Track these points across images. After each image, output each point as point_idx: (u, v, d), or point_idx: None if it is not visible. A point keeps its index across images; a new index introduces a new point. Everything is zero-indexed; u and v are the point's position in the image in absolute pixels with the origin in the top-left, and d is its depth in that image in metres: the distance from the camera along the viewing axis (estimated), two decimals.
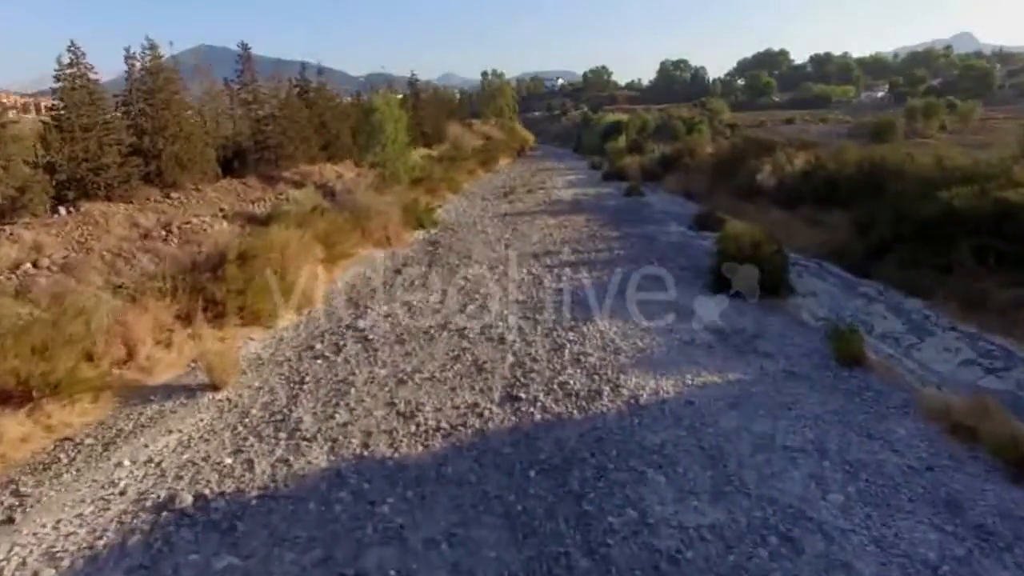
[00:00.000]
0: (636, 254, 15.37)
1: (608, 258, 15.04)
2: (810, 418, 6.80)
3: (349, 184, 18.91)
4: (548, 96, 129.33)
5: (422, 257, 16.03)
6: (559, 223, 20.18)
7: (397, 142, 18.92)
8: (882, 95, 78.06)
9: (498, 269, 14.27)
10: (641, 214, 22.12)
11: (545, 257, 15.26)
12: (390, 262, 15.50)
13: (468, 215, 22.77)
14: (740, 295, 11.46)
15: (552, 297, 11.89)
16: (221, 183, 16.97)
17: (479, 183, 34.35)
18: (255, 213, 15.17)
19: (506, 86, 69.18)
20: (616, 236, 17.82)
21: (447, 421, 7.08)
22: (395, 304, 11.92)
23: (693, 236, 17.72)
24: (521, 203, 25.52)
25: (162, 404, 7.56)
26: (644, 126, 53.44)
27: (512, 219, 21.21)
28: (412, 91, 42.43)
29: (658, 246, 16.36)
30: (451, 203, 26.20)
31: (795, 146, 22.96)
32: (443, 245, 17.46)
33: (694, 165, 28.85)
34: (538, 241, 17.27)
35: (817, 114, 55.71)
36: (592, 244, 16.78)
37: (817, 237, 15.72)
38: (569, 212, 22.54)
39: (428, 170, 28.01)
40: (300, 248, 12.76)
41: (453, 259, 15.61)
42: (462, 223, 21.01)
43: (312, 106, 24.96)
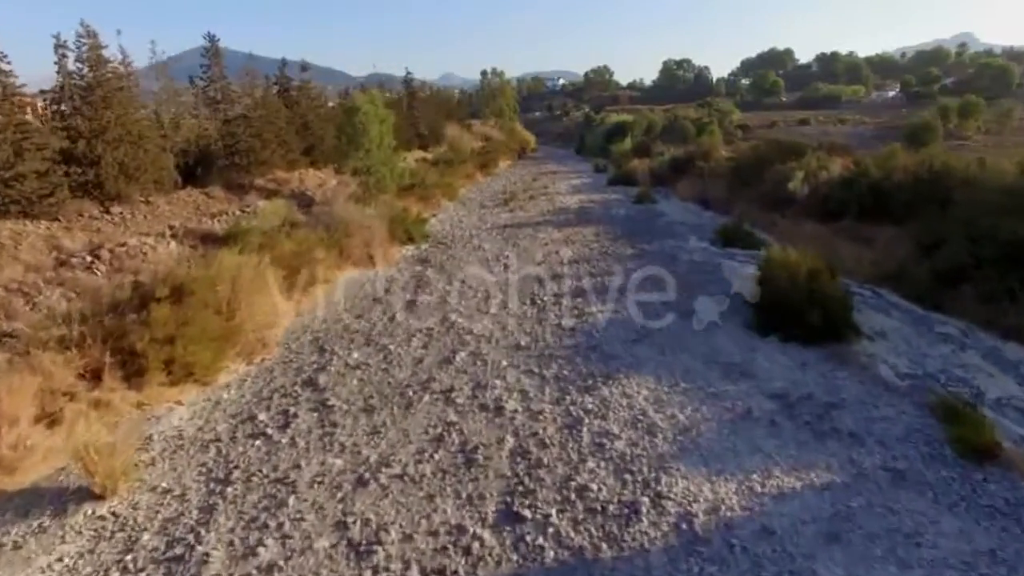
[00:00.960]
0: (657, 277, 13.16)
1: (624, 283, 12.82)
2: (958, 569, 4.58)
3: (330, 193, 16.77)
4: (549, 96, 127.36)
5: (408, 281, 13.82)
6: (565, 236, 17.97)
7: (383, 146, 16.78)
8: (893, 95, 75.83)
9: (496, 299, 12.06)
10: (655, 225, 19.91)
11: (551, 282, 13.04)
12: (370, 288, 13.28)
13: (464, 226, 20.56)
14: (794, 337, 9.25)
15: (561, 340, 9.68)
16: (179, 194, 14.78)
17: (478, 188, 32.16)
18: (213, 231, 12.99)
19: (506, 86, 66.93)
20: (631, 254, 15.59)
21: (418, 563, 4.87)
22: (369, 348, 9.71)
23: (718, 254, 15.49)
24: (522, 211, 23.31)
25: (7, 528, 5.34)
26: (650, 127, 51.23)
27: (512, 231, 19.01)
28: (407, 90, 40.23)
29: (680, 267, 14.14)
30: (446, 212, 24.01)
31: (824, 149, 20.75)
32: (433, 265, 15.25)
33: (710, 170, 26.61)
34: (542, 260, 15.05)
35: (832, 114, 53.51)
36: (604, 264, 14.56)
37: (866, 258, 13.50)
38: (575, 223, 20.33)
39: (421, 175, 25.83)
40: (257, 277, 10.55)
41: (443, 283, 13.40)
42: (457, 236, 18.80)
43: (294, 106, 22.80)
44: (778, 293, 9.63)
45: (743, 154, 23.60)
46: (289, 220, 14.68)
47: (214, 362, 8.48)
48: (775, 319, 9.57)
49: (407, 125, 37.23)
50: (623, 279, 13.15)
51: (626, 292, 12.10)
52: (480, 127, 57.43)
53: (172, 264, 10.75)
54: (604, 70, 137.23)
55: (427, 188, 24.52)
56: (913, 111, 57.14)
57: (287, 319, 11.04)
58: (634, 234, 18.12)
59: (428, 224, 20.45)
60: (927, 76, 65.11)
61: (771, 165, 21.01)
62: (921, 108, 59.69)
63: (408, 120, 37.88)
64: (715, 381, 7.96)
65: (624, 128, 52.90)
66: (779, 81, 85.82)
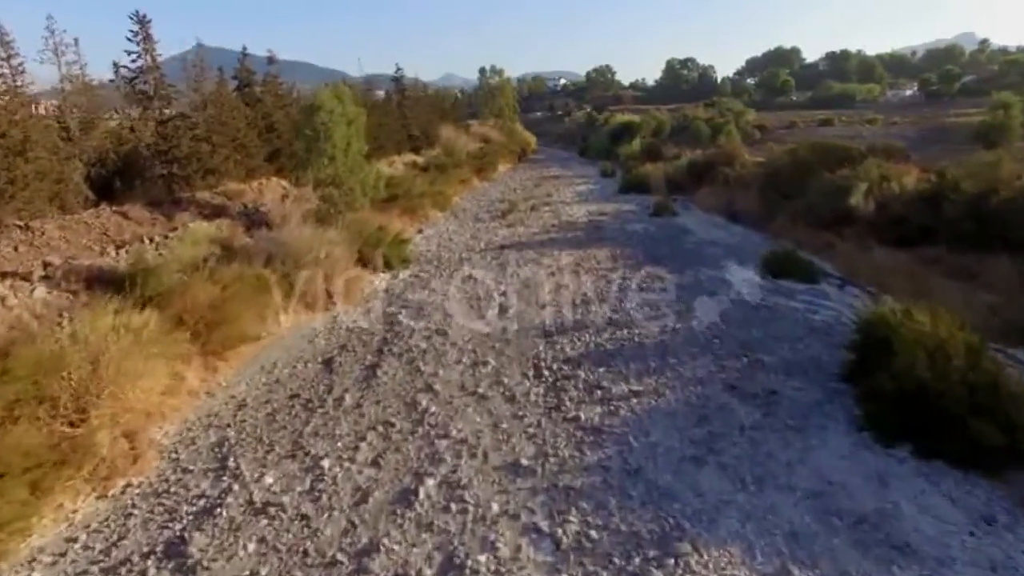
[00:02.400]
0: (701, 331, 9.88)
1: (660, 340, 9.54)
2: None
3: (285, 211, 13.55)
4: (550, 96, 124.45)
5: (372, 332, 10.54)
6: (575, 262, 14.70)
7: (352, 152, 13.60)
8: (910, 93, 72.57)
9: (488, 366, 8.79)
10: (682, 246, 16.63)
11: (562, 338, 9.75)
12: (321, 343, 10.00)
13: (454, 246, 17.29)
14: (941, 453, 5.98)
15: (582, 454, 6.39)
16: (85, 214, 11.52)
17: (474, 195, 28.91)
18: (112, 268, 9.74)
19: (506, 84, 63.64)
20: (660, 290, 12.31)
21: None
22: (293, 464, 6.44)
23: (771, 289, 12.22)
24: (523, 226, 20.05)
25: None
26: (658, 128, 47.99)
27: (511, 255, 15.73)
28: (397, 89, 36.97)
29: (730, 312, 10.87)
30: (435, 226, 20.75)
31: (879, 154, 17.50)
32: (410, 304, 11.97)
33: (735, 177, 23.36)
34: (549, 301, 11.77)
35: (854, 114, 50.24)
36: (627, 306, 11.28)
37: (979, 302, 10.22)
38: (586, 242, 17.06)
39: (407, 183, 22.55)
40: (145, 344, 7.31)
41: (419, 336, 10.12)
42: (444, 260, 15.52)
43: (256, 104, 19.53)
44: (907, 376, 6.36)
45: (778, 159, 20.41)
46: (221, 248, 11.42)
47: (24, 517, 5.21)
48: (900, 415, 6.31)
49: (398, 126, 33.97)
50: (658, 331, 9.87)
51: (666, 357, 8.81)
52: (478, 128, 54.10)
53: (24, 326, 7.49)
54: (606, 69, 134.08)
55: (413, 198, 21.27)
56: (935, 111, 53.92)
57: (188, 404, 7.76)
58: (659, 259, 14.83)
59: (411, 244, 17.20)
60: (948, 74, 61.83)
61: (816, 173, 17.74)
62: (943, 107, 56.48)
63: (399, 121, 34.61)
64: (850, 565, 4.69)
65: (631, 129, 49.65)
66: (789, 80, 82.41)
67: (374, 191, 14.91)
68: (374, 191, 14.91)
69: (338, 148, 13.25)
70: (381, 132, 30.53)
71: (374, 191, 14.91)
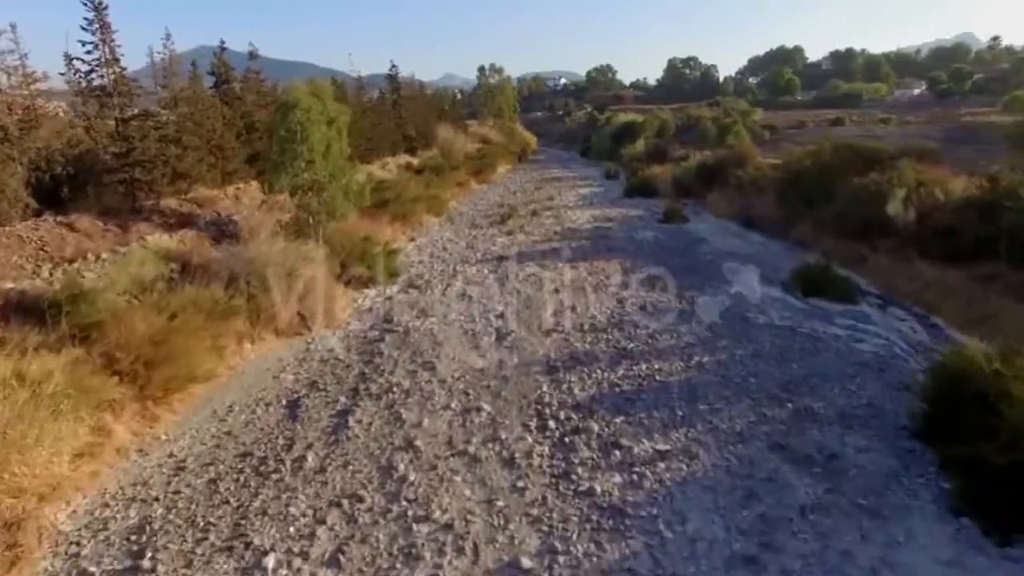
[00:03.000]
0: (732, 365, 8.43)
1: (685, 378, 8.10)
2: None
3: (261, 220, 12.08)
4: (550, 96, 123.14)
5: (348, 366, 9.09)
6: (580, 277, 13.25)
7: (332, 155, 12.16)
8: (918, 92, 71.09)
9: (482, 414, 7.33)
10: (697, 257, 15.18)
11: (569, 375, 8.29)
12: (288, 381, 8.52)
13: (448, 257, 15.84)
14: None
15: (602, 556, 4.94)
16: (20, 226, 10.07)
17: (471, 199, 27.47)
18: (41, 293, 8.29)
19: (506, 83, 62.11)
20: (679, 311, 10.86)
21: None
22: (226, 566, 4.98)
23: (805, 311, 10.78)
24: (523, 234, 18.60)
25: None
26: (663, 127, 46.51)
27: (510, 267, 14.27)
28: (392, 88, 35.51)
29: (761, 339, 9.42)
30: (428, 234, 19.30)
31: (911, 157, 16.04)
32: (395, 329, 10.51)
33: (750, 180, 21.91)
34: (552, 325, 10.30)
35: (865, 113, 48.81)
36: (642, 332, 9.83)
37: None
38: (592, 252, 15.60)
39: (399, 187, 21.09)
40: (40, 405, 5.85)
41: (402, 372, 8.66)
42: (436, 274, 14.07)
43: (235, 103, 18.08)
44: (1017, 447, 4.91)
45: (798, 162, 18.96)
46: (182, 265, 9.95)
47: None
48: (1016, 499, 4.87)
49: (392, 127, 32.54)
50: (682, 366, 8.42)
51: (695, 402, 7.36)
52: (477, 128, 52.68)
53: None
54: (607, 69, 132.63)
55: (406, 203, 19.82)
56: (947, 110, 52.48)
57: (112, 469, 6.31)
58: (674, 274, 13.36)
59: (401, 255, 15.74)
60: (959, 72, 60.34)
61: (843, 177, 16.29)
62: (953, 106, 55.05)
63: (394, 121, 33.17)
64: None
65: (634, 129, 48.20)
66: (794, 79, 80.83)
67: (359, 198, 13.47)
68: (359, 198, 13.47)
69: (316, 151, 11.82)
70: (375, 133, 29.16)
71: (359, 198, 13.47)
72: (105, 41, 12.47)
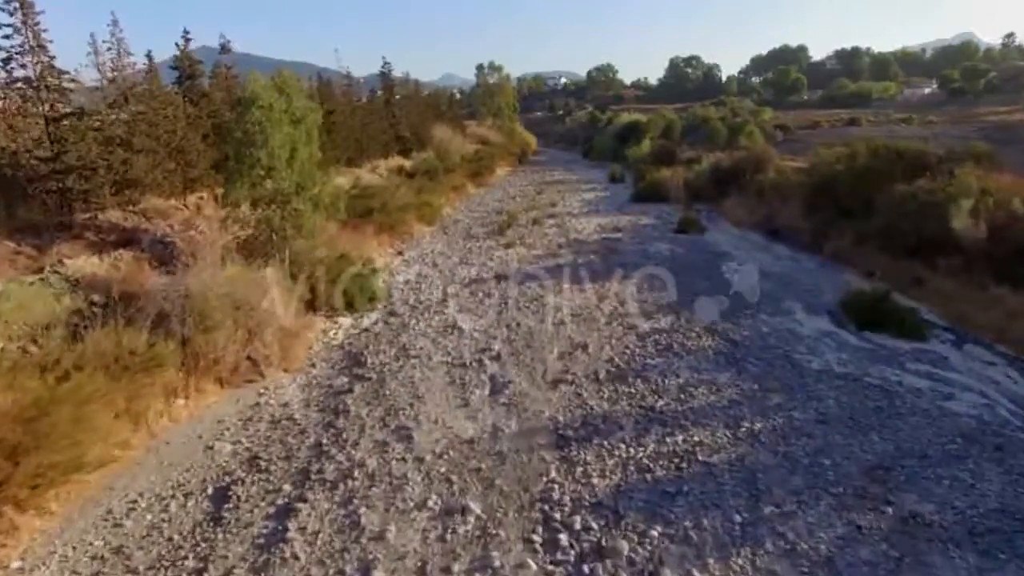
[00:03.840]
0: (794, 435, 6.53)
1: (738, 456, 6.19)
2: None
3: (208, 240, 10.19)
4: (550, 95, 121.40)
5: (305, 430, 7.17)
6: (589, 304, 11.33)
7: (299, 160, 10.25)
8: (929, 91, 69.19)
9: (467, 520, 5.41)
10: (725, 278, 13.25)
11: (584, 454, 6.35)
12: (212, 460, 6.59)
13: (438, 275, 13.91)
14: None
15: None
16: None
17: (468, 204, 25.56)
18: None
19: (505, 82, 60.09)
20: (713, 352, 8.94)
21: None
22: None
23: (864, 350, 8.88)
24: (523, 246, 16.68)
25: None
26: (669, 128, 44.55)
27: (509, 289, 12.35)
28: (385, 86, 33.59)
29: (820, 396, 7.52)
30: (419, 246, 17.36)
31: (968, 160, 14.14)
32: (367, 377, 8.59)
33: (772, 185, 20.00)
34: (560, 372, 8.38)
35: (879, 112, 46.92)
36: (672, 384, 7.93)
37: None
38: (602, 271, 13.67)
39: (388, 194, 19.14)
40: None
41: (367, 448, 6.73)
42: (423, 298, 12.14)
43: (200, 101, 16.17)
44: None
45: (828, 166, 17.04)
46: (106, 297, 8.04)
47: None
48: None
49: (385, 127, 30.61)
50: (729, 437, 6.51)
51: (758, 500, 5.45)
52: (476, 128, 50.72)
53: None
54: (608, 68, 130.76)
55: (393, 212, 17.87)
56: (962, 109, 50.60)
57: None
58: (698, 297, 11.46)
59: (384, 274, 13.81)
60: (972, 70, 58.44)
61: (884, 184, 14.39)
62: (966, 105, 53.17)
63: (386, 121, 31.26)
64: None
65: (638, 129, 46.26)
66: (801, 78, 78.91)
67: (332, 210, 11.55)
68: (332, 210, 11.55)
69: (278, 156, 9.93)
70: (365, 134, 27.26)
71: (332, 210, 11.55)
72: (28, 24, 10.58)
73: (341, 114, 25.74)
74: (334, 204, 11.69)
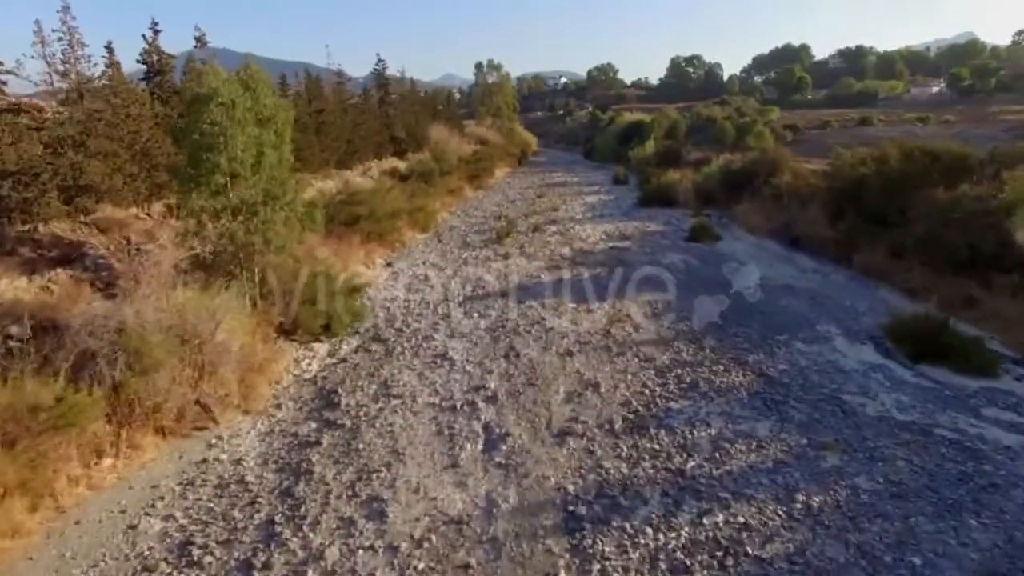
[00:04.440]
0: (866, 517, 5.19)
1: (796, 545, 4.85)
2: None
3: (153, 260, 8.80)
4: (550, 95, 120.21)
5: (257, 499, 5.81)
6: (599, 328, 9.97)
7: (266, 165, 8.88)
8: (937, 90, 67.87)
9: None
10: (745, 295, 11.91)
11: (604, 544, 4.99)
12: (132, 546, 5.21)
13: (429, 291, 12.55)
14: None
15: None
16: None
17: (465, 208, 24.20)
18: None
19: (505, 81, 58.66)
20: (745, 391, 7.60)
21: None
22: None
23: (922, 390, 7.53)
24: (523, 256, 15.34)
25: None
26: (673, 128, 43.22)
27: (508, 310, 11.00)
28: (378, 85, 32.24)
29: (882, 447, 6.18)
30: (409, 256, 16.00)
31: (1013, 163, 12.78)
32: (342, 422, 7.24)
33: (790, 189, 18.65)
34: (568, 418, 7.04)
35: (891, 112, 45.55)
36: (702, 435, 6.59)
37: None
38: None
39: (378, 198, 17.77)
40: None
41: (328, 529, 5.38)
42: (411, 320, 10.78)
43: (170, 99, 14.83)
44: None
45: (853, 168, 15.68)
46: (16, 334, 6.70)
47: None
48: None
49: (378, 127, 29.27)
50: (783, 517, 5.17)
51: None
52: (474, 128, 49.31)
53: None
54: (608, 68, 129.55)
55: (383, 220, 16.50)
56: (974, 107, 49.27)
57: None
58: (724, 321, 10.10)
59: (370, 290, 12.46)
60: (984, 69, 57.08)
61: (921, 189, 13.06)
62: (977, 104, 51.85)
63: (380, 121, 29.92)
64: None
65: (642, 129, 44.92)
66: (806, 77, 77.47)
67: (309, 222, 10.15)
68: (309, 222, 10.15)
69: (241, 161, 8.58)
70: (357, 135, 25.90)
71: (309, 222, 10.15)
72: None
73: (331, 113, 24.41)
74: (309, 215, 10.30)
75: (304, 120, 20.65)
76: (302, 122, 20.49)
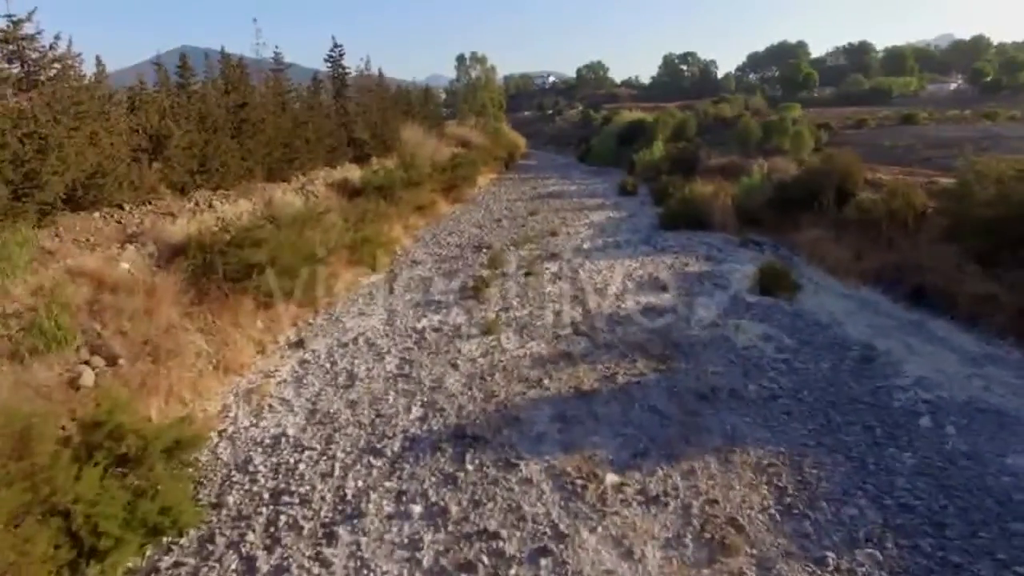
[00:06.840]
0: None
1: None
2: None
3: None
4: (539, 94, 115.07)
5: None
6: (671, 557, 4.52)
7: None
8: (955, 87, 63.40)
9: None
10: (917, 438, 6.45)
11: None
12: None
13: (343, 419, 6.99)
14: None
15: None
16: None
17: (437, 232, 18.63)
18: None
19: (490, 76, 53.03)
20: None
21: None
22: None
23: None
24: (511, 329, 9.83)
25: None
26: (681, 127, 37.83)
27: (479, 491, 5.51)
28: (334, 77, 26.50)
29: None
30: (332, 333, 10.32)
31: None
32: None
33: (889, 213, 13.24)
34: None
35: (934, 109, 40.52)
36: None
37: None
38: (663, 413, 6.84)
39: (289, 236, 11.99)
40: None
41: None
42: (286, 519, 5.24)
43: None
44: None
45: (1009, 184, 10.33)
46: None
47: None
48: None
49: (332, 128, 23.42)
50: None
51: None
52: (456, 129, 43.57)
53: None
54: (598, 66, 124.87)
55: (297, 268, 10.77)
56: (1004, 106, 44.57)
57: None
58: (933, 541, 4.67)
59: (219, 433, 6.88)
60: (1012, 63, 52.50)
61: None
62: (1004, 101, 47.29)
63: (334, 121, 24.11)
64: None
65: (645, 129, 39.67)
66: (813, 73, 72.70)
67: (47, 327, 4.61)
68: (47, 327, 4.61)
69: None
70: (299, 137, 20.17)
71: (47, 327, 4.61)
72: None
73: (260, 110, 18.73)
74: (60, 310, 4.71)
75: (214, 117, 15.09)
76: (211, 120, 15.01)
